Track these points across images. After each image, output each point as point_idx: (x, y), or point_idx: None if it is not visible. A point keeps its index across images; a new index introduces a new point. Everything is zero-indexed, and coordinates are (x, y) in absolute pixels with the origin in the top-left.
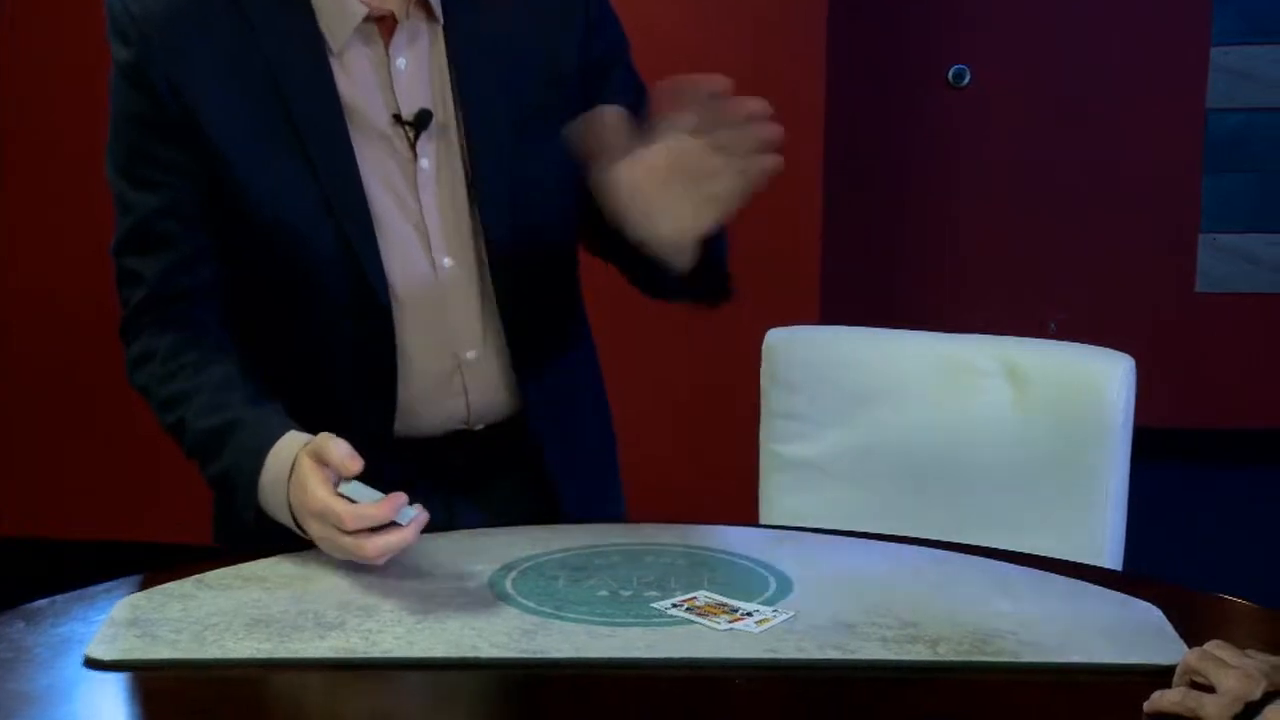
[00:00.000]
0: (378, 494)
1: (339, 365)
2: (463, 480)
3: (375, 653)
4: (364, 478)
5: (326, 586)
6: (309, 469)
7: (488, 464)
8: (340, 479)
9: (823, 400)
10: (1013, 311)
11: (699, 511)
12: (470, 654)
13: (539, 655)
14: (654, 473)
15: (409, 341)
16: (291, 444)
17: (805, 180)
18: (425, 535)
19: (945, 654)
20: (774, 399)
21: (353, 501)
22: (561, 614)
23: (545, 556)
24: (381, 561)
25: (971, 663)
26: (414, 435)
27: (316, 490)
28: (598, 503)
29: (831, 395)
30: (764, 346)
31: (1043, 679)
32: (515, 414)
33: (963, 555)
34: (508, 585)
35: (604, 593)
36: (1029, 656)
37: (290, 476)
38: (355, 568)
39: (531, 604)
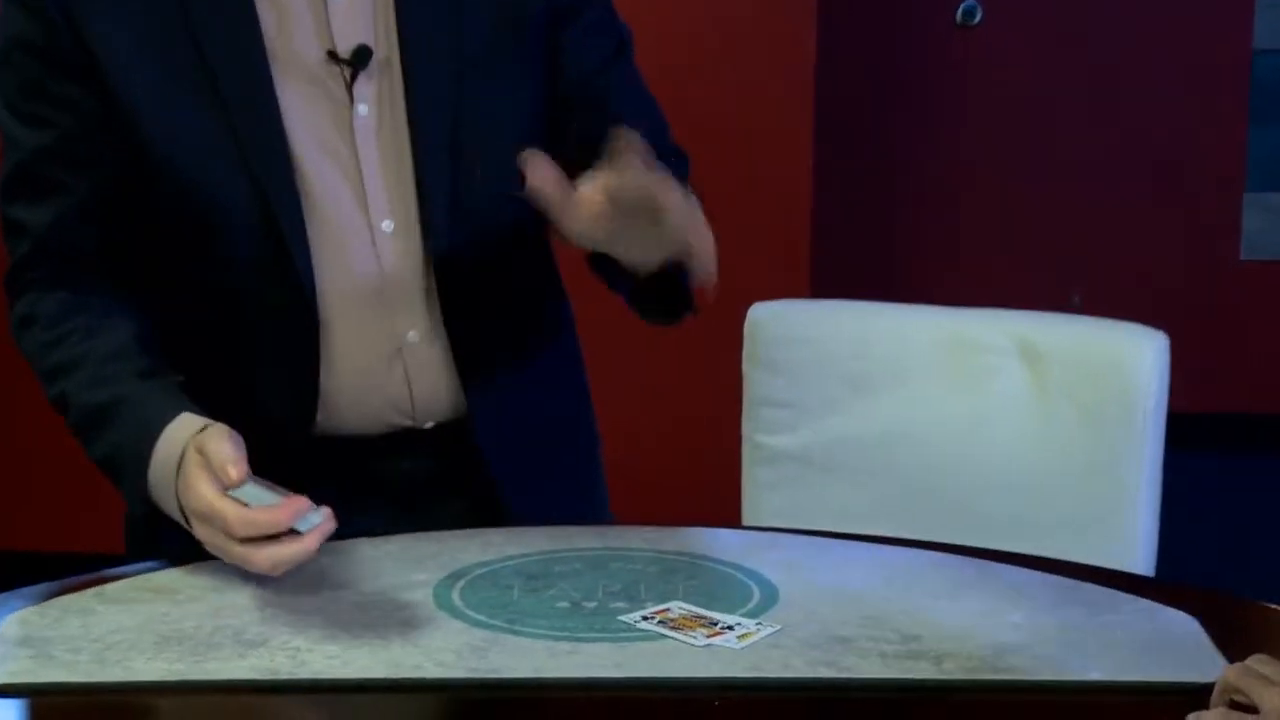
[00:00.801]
0: (276, 496)
1: (253, 346)
2: (404, 495)
3: (303, 674)
4: (290, 486)
5: (247, 599)
6: (194, 464)
7: (436, 475)
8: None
9: (812, 385)
10: (1029, 283)
11: (673, 511)
12: (413, 674)
13: (491, 675)
14: (622, 468)
15: (337, 321)
16: (183, 429)
17: (792, 135)
18: (361, 541)
19: (952, 672)
20: (757, 383)
21: (245, 505)
22: (516, 628)
23: (498, 564)
24: (278, 574)
25: (981, 682)
26: (343, 433)
27: (202, 489)
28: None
29: (822, 379)
30: (746, 323)
31: (1062, 700)
32: (469, 413)
33: (971, 560)
34: (455, 596)
35: (565, 604)
36: (1046, 674)
37: (179, 467)
38: (280, 577)
39: (482, 617)
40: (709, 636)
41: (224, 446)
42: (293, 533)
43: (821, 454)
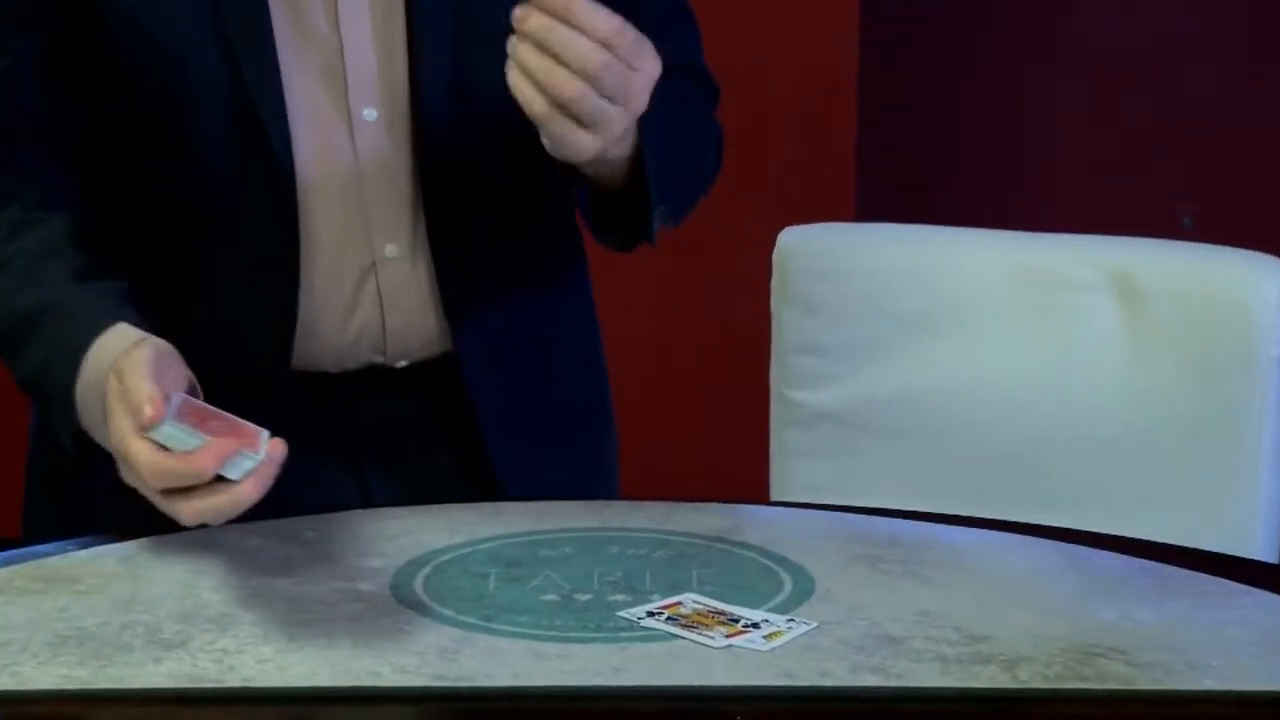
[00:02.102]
0: (199, 437)
1: (221, 251)
2: (378, 446)
3: (232, 680)
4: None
5: (163, 589)
6: (113, 394)
7: (413, 426)
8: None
9: (856, 328)
10: (1124, 202)
11: (688, 483)
12: (366, 682)
13: (462, 684)
14: (625, 431)
15: (315, 221)
16: (116, 343)
17: (835, 24)
18: (306, 519)
19: (1028, 680)
20: (789, 326)
21: (163, 448)
22: (493, 626)
23: (470, 547)
24: (213, 523)
25: (1065, 692)
26: (316, 369)
27: (118, 424)
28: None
29: (868, 320)
30: (775, 252)
31: (1165, 713)
32: (453, 351)
33: (1052, 542)
34: (418, 587)
35: (552, 596)
36: (1145, 683)
37: (106, 390)
38: (203, 564)
39: (450, 612)
40: (729, 636)
41: (143, 380)
42: (222, 480)
43: (866, 413)
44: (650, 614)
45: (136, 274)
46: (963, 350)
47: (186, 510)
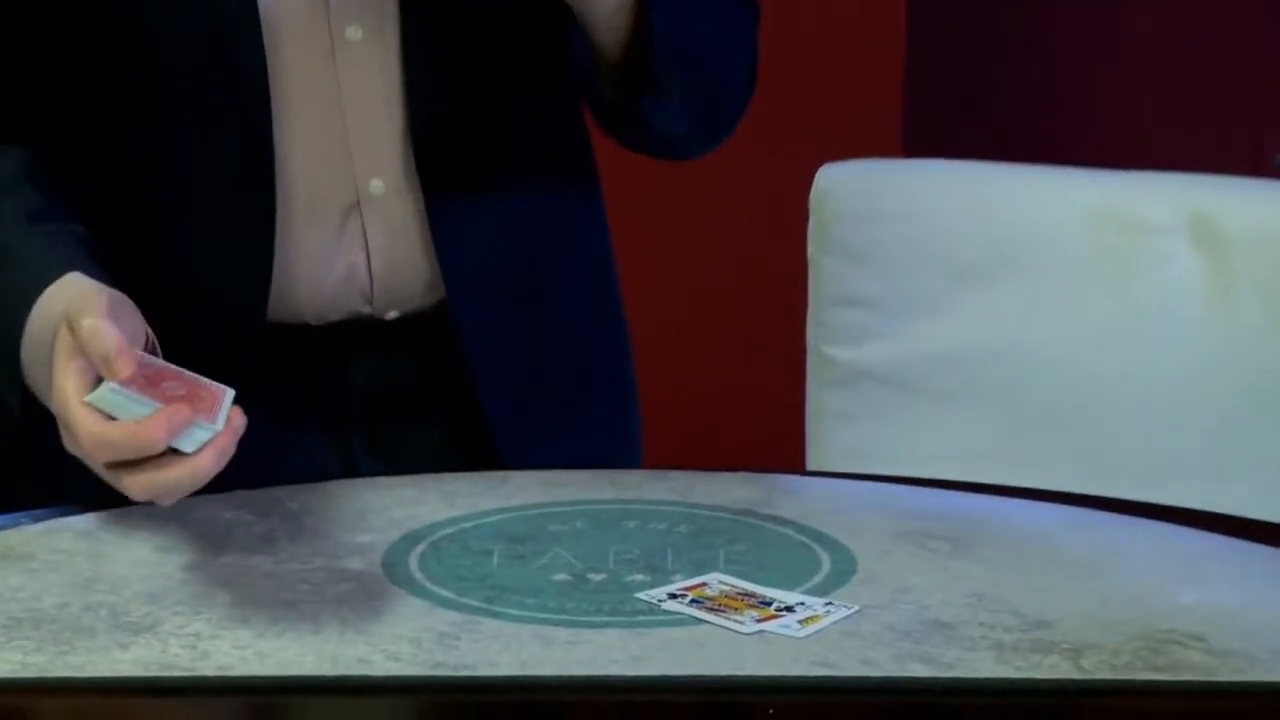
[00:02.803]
0: (148, 404)
1: (187, 188)
2: (364, 410)
3: (205, 669)
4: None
5: (129, 567)
6: (64, 347)
7: (403, 389)
8: (104, 381)
9: (902, 277)
10: (1207, 137)
11: (714, 450)
12: (356, 671)
13: (462, 672)
14: (648, 393)
15: (291, 153)
16: (67, 293)
17: None
18: (288, 488)
19: (1094, 670)
20: (828, 276)
21: (109, 418)
22: (497, 609)
23: (471, 521)
24: (165, 502)
25: (1137, 684)
26: (295, 321)
27: (61, 384)
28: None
29: (916, 269)
30: (813, 193)
31: (1248, 707)
32: (446, 301)
33: (1123, 518)
34: (412, 565)
35: (563, 576)
36: (1224, 673)
37: (53, 345)
38: (173, 539)
39: (450, 594)
40: (761, 621)
41: (105, 328)
42: (174, 453)
43: (913, 372)
44: (672, 596)
45: (95, 216)
46: (1022, 302)
47: (135, 485)
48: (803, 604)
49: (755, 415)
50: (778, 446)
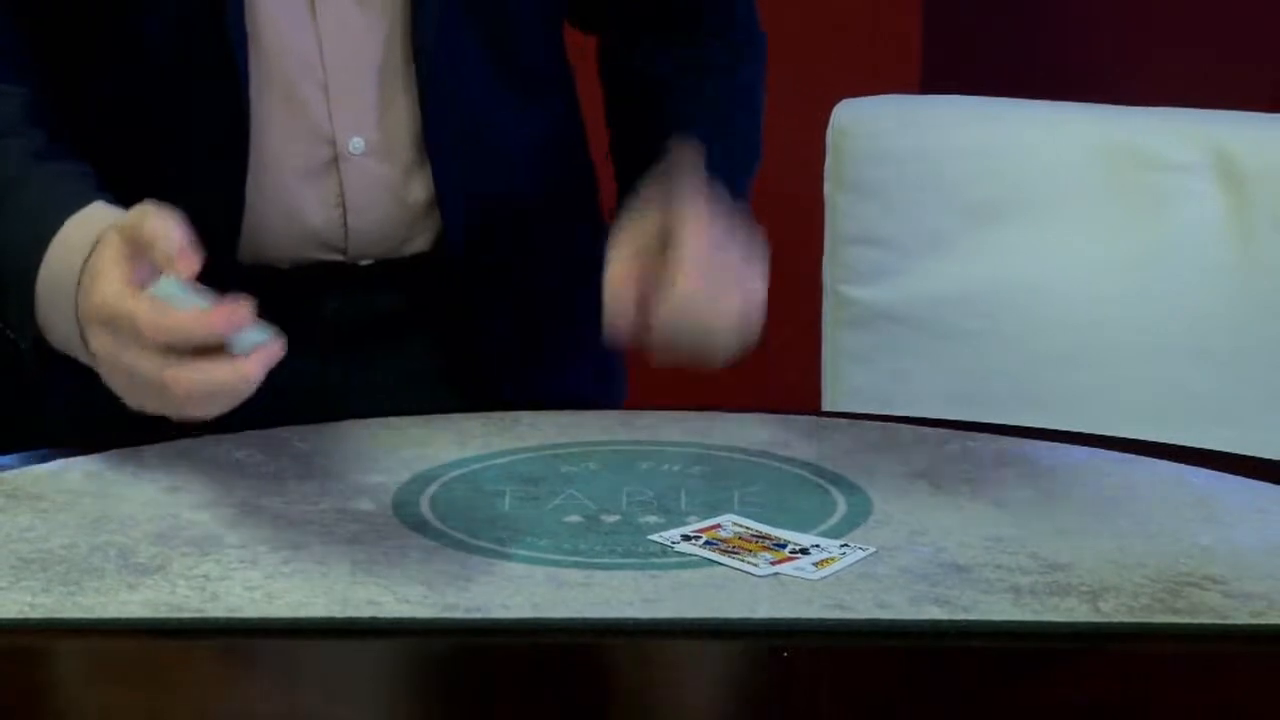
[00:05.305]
0: (203, 301)
1: (160, 132)
2: (342, 343)
3: (216, 610)
4: None
5: (137, 507)
6: (111, 252)
7: (383, 321)
8: (162, 275)
9: (919, 215)
10: (1228, 71)
11: (728, 390)
12: (366, 613)
13: (474, 615)
14: None
15: (265, 103)
16: (94, 221)
17: None
18: (296, 428)
19: (1112, 612)
20: (844, 214)
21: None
22: (509, 551)
23: (483, 462)
24: (201, 413)
25: (1155, 626)
26: (264, 263)
27: (111, 282)
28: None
29: (933, 207)
30: (830, 129)
31: (1268, 652)
32: (428, 250)
33: (1141, 459)
34: (423, 506)
35: (575, 517)
36: (1243, 616)
37: (84, 267)
38: (182, 479)
39: (462, 535)
40: (775, 563)
41: (171, 226)
42: (221, 351)
43: (930, 312)
44: (686, 538)
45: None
46: (1041, 241)
47: (181, 377)
48: (818, 546)
49: (770, 355)
50: (793, 387)
